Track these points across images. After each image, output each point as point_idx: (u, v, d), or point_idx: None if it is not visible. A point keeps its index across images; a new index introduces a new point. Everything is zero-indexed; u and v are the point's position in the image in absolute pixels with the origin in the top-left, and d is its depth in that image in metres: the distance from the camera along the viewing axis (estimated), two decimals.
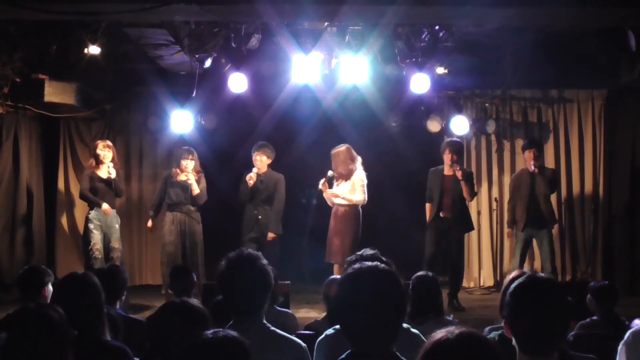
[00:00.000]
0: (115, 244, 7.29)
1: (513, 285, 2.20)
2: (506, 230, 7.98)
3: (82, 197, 7.44)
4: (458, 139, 7.69)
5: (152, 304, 7.08)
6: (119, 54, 7.47)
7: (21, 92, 7.39)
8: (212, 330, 1.91)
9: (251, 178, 7.22)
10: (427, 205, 7.46)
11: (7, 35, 6.93)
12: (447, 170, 7.33)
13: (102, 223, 7.26)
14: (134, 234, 8.87)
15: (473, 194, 7.45)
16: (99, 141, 7.46)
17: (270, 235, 7.29)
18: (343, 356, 2.25)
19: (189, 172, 7.33)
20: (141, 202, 8.93)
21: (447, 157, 7.27)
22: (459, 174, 7.16)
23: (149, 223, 7.64)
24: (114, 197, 7.38)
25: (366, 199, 7.17)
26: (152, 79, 8.08)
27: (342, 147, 7.22)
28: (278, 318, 3.78)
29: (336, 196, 7.15)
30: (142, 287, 8.61)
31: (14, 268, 7.70)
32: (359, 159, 7.26)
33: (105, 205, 7.21)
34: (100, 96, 8.24)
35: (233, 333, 1.90)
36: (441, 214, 7.28)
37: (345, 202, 7.14)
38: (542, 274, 2.40)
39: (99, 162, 7.25)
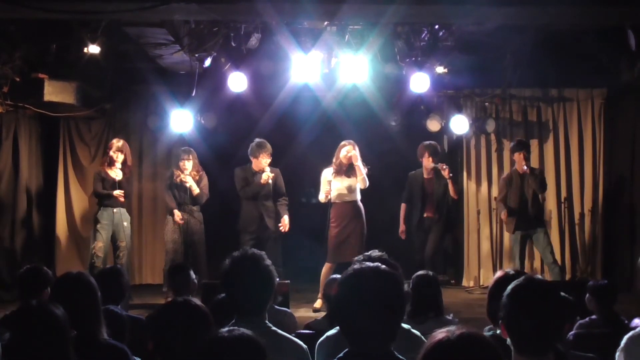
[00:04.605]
0: (122, 242, 7.32)
1: (510, 287, 2.22)
2: (502, 215, 7.84)
3: (96, 195, 7.50)
4: (434, 142, 7.75)
5: (152, 303, 7.09)
6: (119, 53, 7.47)
7: (21, 91, 7.39)
8: (227, 329, 1.93)
9: (270, 177, 7.16)
10: (403, 205, 7.68)
11: (7, 34, 6.93)
12: (427, 174, 7.54)
13: (110, 222, 7.28)
14: (134, 234, 8.83)
15: (458, 190, 7.76)
16: (113, 141, 7.52)
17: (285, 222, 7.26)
18: (341, 355, 2.26)
19: (187, 173, 7.33)
20: (141, 201, 8.93)
21: (427, 161, 7.49)
22: (445, 172, 7.33)
23: (177, 218, 7.38)
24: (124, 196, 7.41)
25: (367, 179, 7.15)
26: (151, 78, 8.08)
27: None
28: (276, 317, 3.77)
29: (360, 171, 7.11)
30: (142, 287, 8.62)
31: (14, 267, 7.69)
32: None
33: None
34: (100, 95, 8.23)
35: (249, 332, 1.91)
36: (425, 215, 7.51)
37: (350, 200, 7.13)
38: (540, 276, 2.39)
39: (112, 163, 7.33)
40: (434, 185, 7.50)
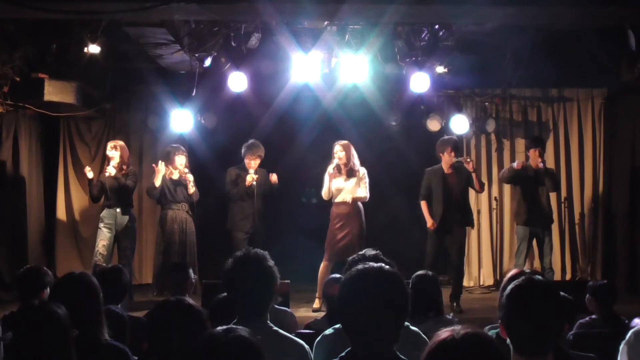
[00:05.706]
0: (126, 243, 7.29)
1: (509, 287, 2.21)
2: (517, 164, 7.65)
3: (91, 197, 7.48)
4: (455, 137, 7.64)
5: (152, 303, 7.07)
6: (119, 53, 7.48)
7: (21, 91, 7.39)
8: (224, 328, 1.91)
9: (254, 179, 7.15)
10: (423, 203, 7.22)
11: (7, 34, 6.94)
12: (447, 169, 7.17)
13: (114, 222, 7.27)
14: None
15: (482, 184, 7.53)
16: (108, 142, 7.48)
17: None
18: (343, 354, 2.25)
19: (184, 170, 7.30)
20: (141, 201, 8.91)
21: (449, 156, 7.12)
22: (469, 165, 7.12)
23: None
24: (125, 195, 7.35)
25: (368, 196, 7.14)
26: (152, 78, 8.08)
27: (346, 142, 7.15)
28: (277, 316, 3.77)
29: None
30: (142, 286, 8.61)
31: (14, 267, 7.69)
32: None
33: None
34: (100, 95, 8.24)
35: (245, 332, 1.90)
36: (447, 215, 7.12)
37: (349, 200, 7.05)
38: (539, 277, 2.39)
39: (108, 162, 7.30)
40: (455, 180, 7.14)
